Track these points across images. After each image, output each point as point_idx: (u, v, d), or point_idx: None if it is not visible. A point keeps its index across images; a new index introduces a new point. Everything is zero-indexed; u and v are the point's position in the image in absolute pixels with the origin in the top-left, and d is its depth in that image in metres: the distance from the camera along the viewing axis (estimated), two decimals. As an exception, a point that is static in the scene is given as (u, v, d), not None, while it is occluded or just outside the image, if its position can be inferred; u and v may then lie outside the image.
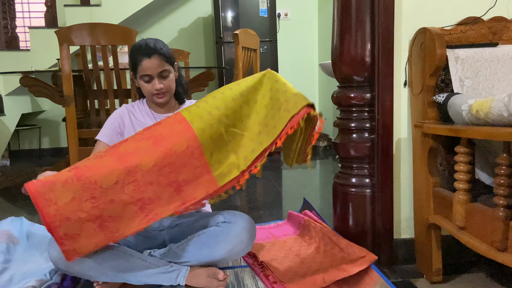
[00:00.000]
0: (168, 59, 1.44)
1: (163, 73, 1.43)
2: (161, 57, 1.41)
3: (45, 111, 4.49)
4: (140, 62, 1.40)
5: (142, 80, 1.44)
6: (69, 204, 1.10)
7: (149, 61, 1.39)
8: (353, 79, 1.57)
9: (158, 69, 1.41)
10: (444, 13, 1.50)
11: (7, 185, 3.11)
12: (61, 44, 2.23)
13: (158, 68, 1.41)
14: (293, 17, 4.75)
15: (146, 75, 1.42)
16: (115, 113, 1.52)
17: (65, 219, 1.10)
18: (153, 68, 1.40)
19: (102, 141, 1.47)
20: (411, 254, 1.57)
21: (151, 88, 1.43)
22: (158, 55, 1.40)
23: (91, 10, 3.74)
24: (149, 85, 1.43)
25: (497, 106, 1.03)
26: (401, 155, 1.57)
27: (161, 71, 1.42)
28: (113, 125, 1.49)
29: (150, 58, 1.39)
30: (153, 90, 1.43)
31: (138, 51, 1.41)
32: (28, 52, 3.74)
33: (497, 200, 1.05)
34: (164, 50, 1.43)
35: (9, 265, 1.49)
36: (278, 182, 2.96)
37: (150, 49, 1.40)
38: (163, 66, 1.42)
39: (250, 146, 1.28)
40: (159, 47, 1.42)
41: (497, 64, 1.40)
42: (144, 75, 1.42)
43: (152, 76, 1.42)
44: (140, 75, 1.42)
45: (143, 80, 1.43)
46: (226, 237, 1.34)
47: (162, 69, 1.42)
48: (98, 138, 1.48)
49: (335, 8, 1.59)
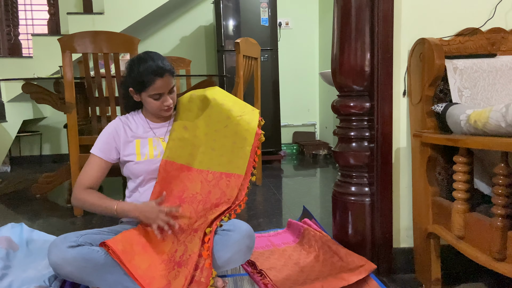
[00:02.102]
0: (173, 74, 1.45)
1: (172, 88, 1.45)
2: (171, 74, 1.42)
3: (47, 118, 4.51)
4: (153, 83, 1.38)
5: (151, 98, 1.43)
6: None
7: (161, 80, 1.39)
8: (353, 88, 1.59)
9: (169, 86, 1.43)
10: (443, 24, 1.52)
11: (8, 191, 3.11)
12: (63, 52, 2.25)
13: (169, 85, 1.42)
14: (294, 26, 4.79)
15: (158, 94, 1.41)
16: (109, 127, 1.50)
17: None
18: (165, 86, 1.41)
19: (97, 156, 1.46)
20: (410, 263, 1.57)
21: (160, 104, 1.43)
22: (168, 73, 1.41)
23: (93, 18, 3.77)
24: (159, 102, 1.43)
25: (495, 116, 1.04)
26: (400, 164, 1.57)
27: (171, 88, 1.44)
28: (108, 139, 1.48)
29: (163, 78, 1.39)
30: (163, 106, 1.44)
31: (148, 71, 1.38)
32: (31, 59, 3.76)
33: (495, 210, 1.05)
34: (170, 66, 1.43)
35: (8, 271, 1.49)
36: (278, 190, 2.96)
37: (162, 69, 1.39)
38: (172, 82, 1.44)
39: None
40: (167, 64, 1.41)
41: (496, 74, 1.41)
42: (156, 94, 1.41)
43: (163, 94, 1.43)
44: (151, 94, 1.41)
45: (153, 98, 1.42)
46: (225, 245, 1.34)
47: (172, 85, 1.44)
48: (93, 152, 1.47)
49: (335, 18, 1.61)
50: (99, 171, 1.47)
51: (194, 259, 1.28)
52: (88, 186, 1.44)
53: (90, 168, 1.46)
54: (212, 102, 1.47)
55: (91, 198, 1.41)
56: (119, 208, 1.38)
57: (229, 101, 1.49)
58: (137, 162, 1.45)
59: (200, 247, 1.30)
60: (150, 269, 1.27)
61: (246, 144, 1.42)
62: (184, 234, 1.36)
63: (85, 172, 1.46)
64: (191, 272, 1.25)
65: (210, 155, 1.45)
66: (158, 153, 1.47)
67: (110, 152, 1.47)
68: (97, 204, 1.40)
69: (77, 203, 1.44)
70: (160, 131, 1.52)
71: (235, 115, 1.45)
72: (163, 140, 1.50)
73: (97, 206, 1.40)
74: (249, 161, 1.42)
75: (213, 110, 1.47)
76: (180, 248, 1.32)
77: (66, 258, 1.21)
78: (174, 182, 1.45)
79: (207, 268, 1.27)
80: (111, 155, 1.48)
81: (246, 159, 1.41)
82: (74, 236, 1.27)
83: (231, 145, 1.44)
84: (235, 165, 1.42)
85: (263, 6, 4.03)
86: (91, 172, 1.46)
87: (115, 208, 1.37)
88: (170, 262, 1.30)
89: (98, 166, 1.47)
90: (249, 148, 1.42)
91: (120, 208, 1.38)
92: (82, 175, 1.46)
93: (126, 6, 3.81)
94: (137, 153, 1.46)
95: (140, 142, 1.48)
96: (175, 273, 1.26)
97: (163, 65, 1.39)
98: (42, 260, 1.59)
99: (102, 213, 1.42)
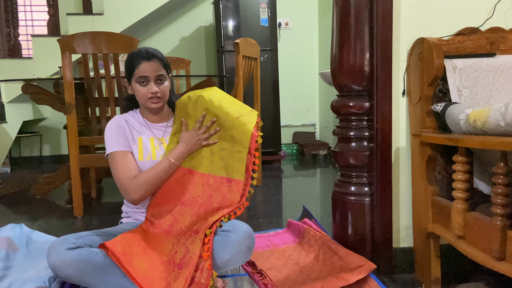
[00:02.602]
0: (166, 66, 1.46)
1: (160, 77, 1.43)
2: (160, 62, 1.43)
3: (47, 119, 4.51)
4: (139, 65, 1.41)
5: (138, 83, 1.43)
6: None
7: (148, 63, 1.41)
8: (352, 88, 1.59)
9: (156, 72, 1.42)
10: (442, 23, 1.52)
11: (8, 192, 3.11)
12: (63, 52, 2.25)
13: (156, 71, 1.42)
14: (294, 26, 4.79)
15: (143, 77, 1.41)
16: (113, 123, 1.48)
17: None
18: (152, 70, 1.41)
19: (119, 150, 1.43)
20: (410, 263, 1.57)
21: (146, 91, 1.43)
22: (157, 59, 1.43)
23: (93, 19, 3.78)
24: (145, 88, 1.43)
25: (494, 115, 1.04)
26: (400, 163, 1.57)
27: (158, 75, 1.43)
28: (119, 133, 1.45)
29: (149, 61, 1.41)
30: (148, 93, 1.42)
31: (137, 56, 1.42)
32: (31, 60, 3.76)
33: (495, 209, 1.05)
34: (163, 57, 1.46)
35: (8, 272, 1.49)
36: (278, 190, 2.96)
37: (150, 54, 1.42)
38: (160, 70, 1.43)
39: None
40: (158, 53, 1.45)
41: (495, 74, 1.41)
42: (141, 77, 1.41)
43: (149, 79, 1.42)
44: (137, 77, 1.42)
45: (139, 82, 1.42)
46: (225, 246, 1.34)
47: (160, 73, 1.43)
48: (114, 150, 1.43)
49: (334, 18, 1.61)
50: (132, 160, 1.44)
51: (194, 261, 1.27)
52: (135, 175, 1.41)
53: (124, 163, 1.42)
54: (209, 103, 1.47)
55: (148, 175, 1.40)
56: (173, 157, 1.43)
57: (227, 102, 1.49)
58: (139, 162, 1.45)
59: (201, 248, 1.30)
60: (150, 271, 1.27)
61: (242, 147, 1.42)
62: (185, 236, 1.36)
63: (121, 169, 1.41)
64: (191, 274, 1.25)
65: (210, 158, 1.45)
66: (160, 155, 1.47)
67: (127, 142, 1.45)
68: (156, 173, 1.41)
69: (142, 192, 1.39)
70: (158, 132, 1.52)
71: (232, 117, 1.45)
72: (163, 140, 1.50)
73: (158, 174, 1.41)
74: (247, 164, 1.41)
75: (210, 112, 1.47)
76: (181, 250, 1.32)
77: (65, 260, 1.21)
78: (175, 184, 1.45)
79: (208, 269, 1.27)
80: (129, 145, 1.45)
81: (244, 162, 1.41)
82: (73, 238, 1.27)
83: (229, 148, 1.44)
84: (235, 169, 1.42)
85: (262, 7, 4.03)
86: (127, 164, 1.42)
87: (171, 162, 1.42)
88: (170, 264, 1.30)
89: (128, 156, 1.43)
90: (245, 151, 1.41)
91: (174, 157, 1.43)
92: (120, 172, 1.40)
93: (126, 7, 3.82)
94: (139, 152, 1.46)
95: (143, 140, 1.48)
96: (175, 274, 1.26)
97: (152, 51, 1.44)
98: (42, 261, 1.59)
99: (166, 177, 1.43)
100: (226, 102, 1.49)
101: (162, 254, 1.33)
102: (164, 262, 1.31)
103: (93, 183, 2.84)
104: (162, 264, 1.30)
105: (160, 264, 1.30)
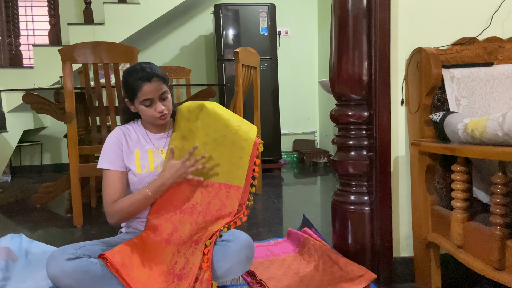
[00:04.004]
0: (165, 80, 1.45)
1: (163, 95, 1.43)
2: (160, 79, 1.41)
3: (47, 128, 4.52)
4: (141, 88, 1.38)
5: (142, 105, 1.42)
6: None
7: (150, 85, 1.39)
8: (351, 97, 1.59)
9: (159, 91, 1.41)
10: (440, 33, 1.53)
11: (8, 201, 3.11)
12: (64, 62, 2.26)
13: (159, 90, 1.41)
14: (294, 35, 4.81)
15: (148, 100, 1.40)
16: (111, 138, 1.48)
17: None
18: (155, 91, 1.40)
19: (110, 169, 1.45)
20: (410, 272, 1.57)
21: (153, 111, 1.42)
22: (157, 78, 1.40)
23: (94, 29, 3.80)
24: (151, 109, 1.42)
25: (492, 125, 1.04)
26: (399, 172, 1.58)
27: (161, 93, 1.42)
28: (115, 149, 1.47)
29: (150, 82, 1.39)
30: (156, 113, 1.42)
31: (136, 77, 1.39)
32: (32, 70, 3.78)
33: (494, 219, 1.05)
34: (160, 72, 1.43)
35: (7, 283, 1.49)
36: (278, 198, 2.96)
37: (149, 73, 1.39)
38: (162, 88, 1.42)
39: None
40: (155, 70, 1.42)
41: (493, 83, 1.42)
42: (146, 100, 1.40)
43: (154, 100, 1.41)
44: (141, 100, 1.41)
45: (144, 105, 1.42)
46: (224, 256, 1.34)
47: (162, 91, 1.42)
48: (105, 167, 1.45)
49: (332, 28, 1.62)
50: (119, 183, 1.45)
51: (194, 272, 1.27)
52: (116, 200, 1.43)
53: (110, 184, 1.44)
54: (210, 111, 1.48)
55: (123, 204, 1.41)
56: (151, 190, 1.40)
57: (227, 113, 1.50)
58: (137, 174, 1.45)
59: (201, 259, 1.29)
60: (149, 282, 1.27)
61: (244, 154, 1.42)
62: (185, 245, 1.36)
63: (107, 189, 1.44)
64: (191, 285, 1.25)
65: (209, 165, 1.45)
66: (158, 165, 1.47)
67: (120, 162, 1.46)
68: (131, 203, 1.40)
69: (116, 219, 1.43)
70: (159, 142, 1.52)
71: (233, 125, 1.46)
72: (162, 151, 1.50)
73: (133, 205, 1.40)
74: (247, 171, 1.42)
75: (211, 119, 1.48)
76: (181, 261, 1.32)
77: (65, 271, 1.21)
78: (174, 192, 1.45)
79: (208, 280, 1.26)
80: (123, 164, 1.47)
81: (245, 169, 1.41)
82: (72, 248, 1.27)
83: (229, 154, 1.44)
84: (234, 175, 1.42)
85: (262, 16, 4.05)
86: (112, 187, 1.44)
87: (149, 194, 1.40)
88: (170, 274, 1.30)
89: (116, 178, 1.45)
90: (247, 159, 1.42)
91: (152, 189, 1.40)
92: (105, 193, 1.44)
93: (126, 17, 3.84)
94: (137, 164, 1.46)
95: (140, 152, 1.48)
96: (174, 285, 1.26)
97: (150, 70, 1.40)
98: (41, 271, 1.58)
99: (141, 207, 1.42)
100: (227, 113, 1.51)
101: (162, 264, 1.33)
102: (164, 272, 1.31)
103: (93, 192, 2.84)
104: (162, 275, 1.30)
105: (160, 275, 1.30)
